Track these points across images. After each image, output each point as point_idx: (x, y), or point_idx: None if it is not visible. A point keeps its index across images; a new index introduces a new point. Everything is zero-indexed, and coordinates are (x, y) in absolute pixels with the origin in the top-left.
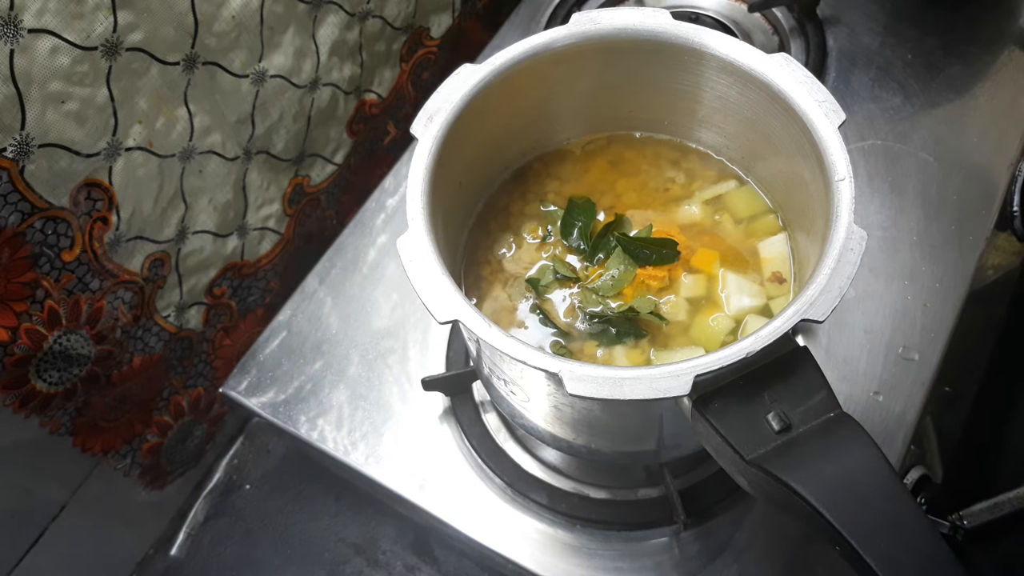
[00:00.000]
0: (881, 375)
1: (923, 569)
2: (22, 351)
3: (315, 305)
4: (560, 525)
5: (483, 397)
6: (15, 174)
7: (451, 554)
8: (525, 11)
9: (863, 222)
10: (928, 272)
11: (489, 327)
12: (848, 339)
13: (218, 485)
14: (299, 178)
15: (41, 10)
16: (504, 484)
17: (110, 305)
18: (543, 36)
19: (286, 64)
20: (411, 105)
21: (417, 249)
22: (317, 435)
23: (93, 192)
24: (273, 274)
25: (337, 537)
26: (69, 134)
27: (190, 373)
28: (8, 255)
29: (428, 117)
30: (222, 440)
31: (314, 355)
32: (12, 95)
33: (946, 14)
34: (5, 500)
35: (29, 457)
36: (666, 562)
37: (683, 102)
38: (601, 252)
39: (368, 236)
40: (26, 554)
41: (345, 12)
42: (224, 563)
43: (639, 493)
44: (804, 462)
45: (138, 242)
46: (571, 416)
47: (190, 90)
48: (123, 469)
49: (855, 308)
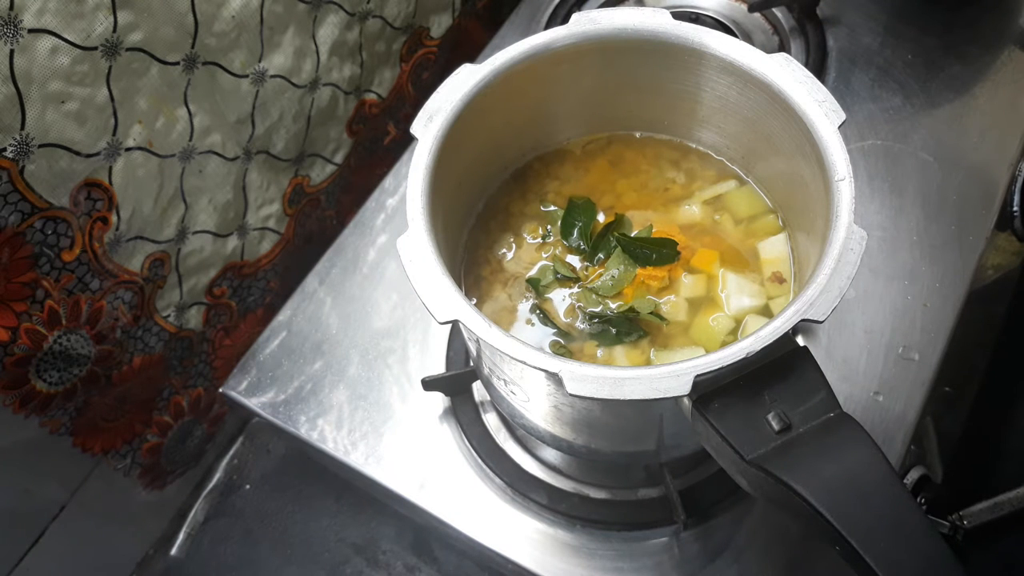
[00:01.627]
0: (881, 375)
1: (923, 569)
2: (22, 351)
3: (315, 305)
4: (560, 525)
5: (483, 397)
6: (15, 174)
7: (451, 554)
8: (525, 11)
9: (863, 222)
10: (928, 272)
11: (489, 327)
12: (848, 339)
13: (218, 485)
14: (299, 178)
15: (41, 10)
16: (504, 484)
17: (110, 305)
18: (543, 36)
19: (286, 64)
20: (411, 105)
21: (417, 249)
22: (317, 435)
23: (93, 192)
24: (273, 274)
25: (337, 537)
26: (69, 134)
27: (190, 373)
28: (8, 255)
29: (428, 117)
30: (222, 440)
31: (314, 355)
32: (12, 95)
33: (946, 14)
34: (5, 500)
35: (29, 457)
36: (666, 562)
37: (683, 102)
38: (601, 252)
39: (368, 236)
40: (26, 554)
41: (345, 12)
42: (224, 563)
43: (639, 493)
44: (804, 462)
45: (138, 242)
46: (571, 416)
47: (190, 90)
48: (123, 469)
49: (855, 308)
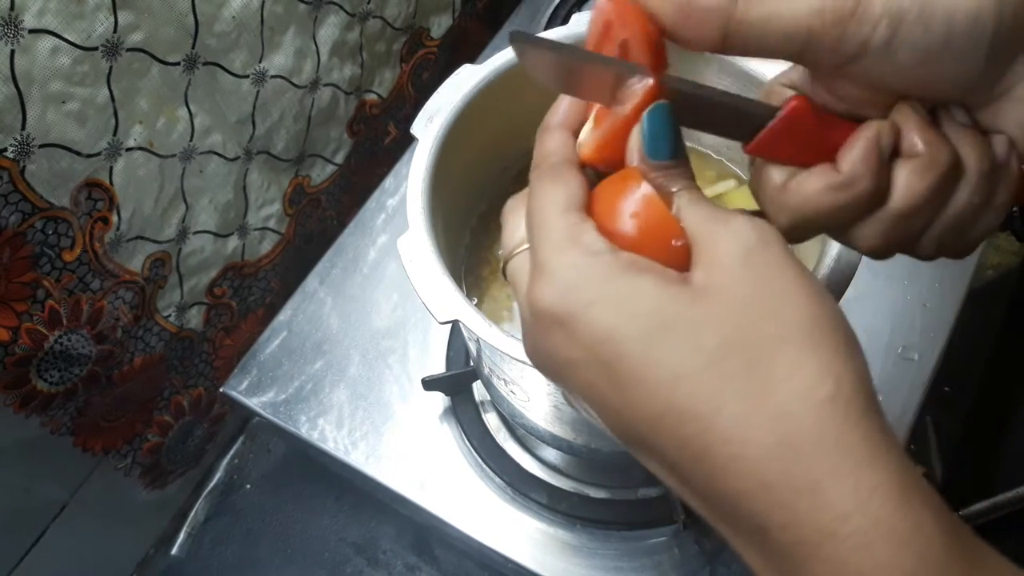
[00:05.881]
0: (880, 375)
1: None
2: (23, 351)
3: (315, 305)
4: (560, 524)
5: (483, 397)
6: (16, 174)
7: (451, 554)
8: (525, 11)
9: None
10: (928, 272)
11: (489, 327)
12: None
13: (218, 485)
14: (299, 178)
15: (41, 10)
16: (504, 484)
17: (111, 305)
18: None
19: (286, 64)
20: (411, 105)
21: (417, 249)
22: (317, 435)
23: (94, 192)
24: (274, 274)
25: (337, 537)
26: (70, 134)
27: (191, 373)
28: (9, 255)
29: (428, 117)
30: (222, 440)
31: (314, 355)
32: (13, 95)
33: None
34: (5, 500)
35: (29, 457)
36: (666, 562)
37: None
38: None
39: (368, 236)
40: (26, 554)
41: (345, 12)
42: (224, 563)
43: (639, 493)
44: None
45: (139, 242)
46: (571, 416)
47: (191, 90)
48: (124, 469)
49: (854, 308)
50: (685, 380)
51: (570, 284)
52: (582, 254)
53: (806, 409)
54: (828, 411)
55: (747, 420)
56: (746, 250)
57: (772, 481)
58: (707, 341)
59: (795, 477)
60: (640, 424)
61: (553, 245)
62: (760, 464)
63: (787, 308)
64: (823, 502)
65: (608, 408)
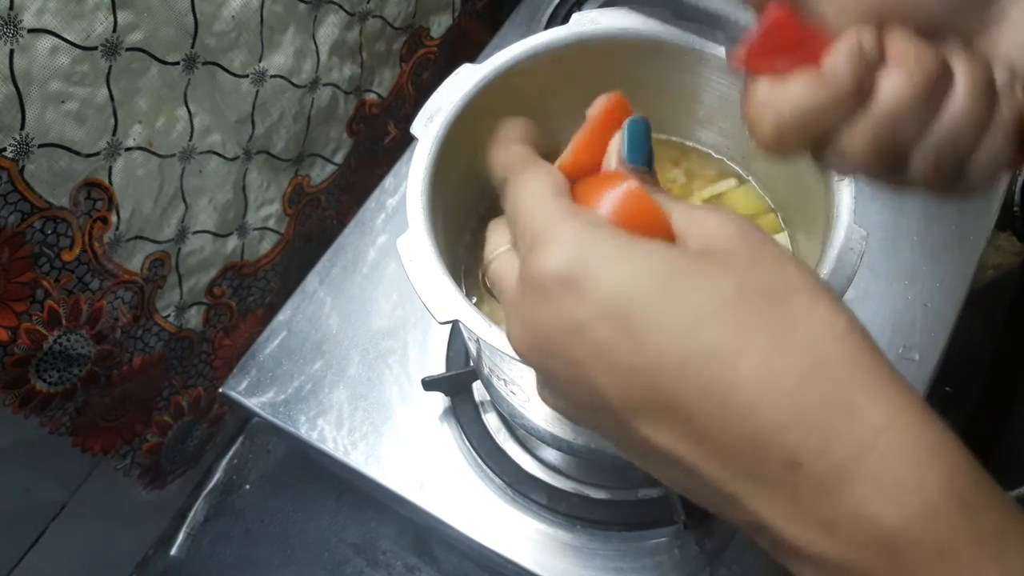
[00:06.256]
0: None
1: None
2: (22, 351)
3: (315, 305)
4: (560, 525)
5: (483, 397)
6: (15, 174)
7: (451, 554)
8: (525, 11)
9: (863, 222)
10: (928, 272)
11: (489, 327)
12: None
13: (218, 485)
14: (299, 178)
15: (41, 10)
16: (504, 484)
17: (110, 305)
18: (543, 36)
19: (286, 64)
20: (411, 105)
21: (417, 249)
22: (317, 435)
23: (93, 192)
24: (273, 274)
25: (337, 537)
26: (69, 134)
27: (190, 373)
28: (8, 255)
29: (428, 117)
30: (222, 440)
31: (314, 355)
32: (12, 95)
33: None
34: (5, 500)
35: (29, 457)
36: (666, 562)
37: (683, 102)
38: None
39: (368, 236)
40: (26, 554)
41: (345, 12)
42: (224, 563)
43: (639, 493)
44: None
45: (138, 242)
46: None
47: (190, 90)
48: (123, 469)
49: (855, 308)
50: (708, 320)
51: (577, 244)
52: (584, 223)
53: (830, 338)
54: (851, 340)
55: (777, 351)
56: (737, 227)
57: (809, 405)
58: (723, 285)
59: (832, 398)
60: (660, 374)
61: (552, 218)
62: (795, 392)
63: (787, 267)
64: (860, 418)
65: (618, 368)
